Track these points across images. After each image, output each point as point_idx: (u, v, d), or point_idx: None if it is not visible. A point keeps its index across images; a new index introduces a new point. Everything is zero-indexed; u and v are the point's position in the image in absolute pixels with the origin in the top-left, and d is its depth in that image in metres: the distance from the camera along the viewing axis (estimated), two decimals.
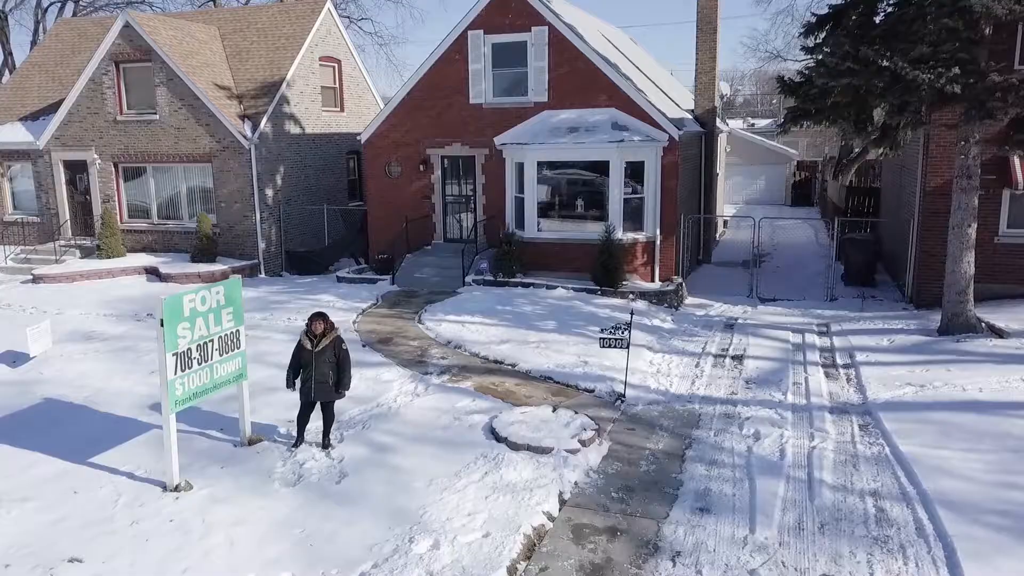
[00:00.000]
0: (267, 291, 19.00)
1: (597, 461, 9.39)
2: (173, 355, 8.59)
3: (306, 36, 23.21)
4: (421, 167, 20.30)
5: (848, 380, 12.47)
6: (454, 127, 19.81)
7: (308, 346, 9.48)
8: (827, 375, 12.71)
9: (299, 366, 9.63)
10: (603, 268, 17.40)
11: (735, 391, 12.01)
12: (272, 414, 10.71)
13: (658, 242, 18.47)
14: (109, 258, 21.33)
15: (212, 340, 9.14)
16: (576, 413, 10.54)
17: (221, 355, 9.31)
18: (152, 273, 20.65)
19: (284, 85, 22.29)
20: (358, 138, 21.10)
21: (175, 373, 8.63)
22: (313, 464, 9.33)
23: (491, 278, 18.28)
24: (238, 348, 9.57)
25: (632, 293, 17.23)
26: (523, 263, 18.38)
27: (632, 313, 11.74)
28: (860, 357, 13.32)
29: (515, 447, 9.51)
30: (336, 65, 25.01)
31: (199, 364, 8.97)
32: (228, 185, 21.46)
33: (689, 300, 18.15)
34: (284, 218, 22.51)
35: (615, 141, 17.69)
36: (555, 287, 17.53)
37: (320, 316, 9.57)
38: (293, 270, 22.41)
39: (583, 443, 9.60)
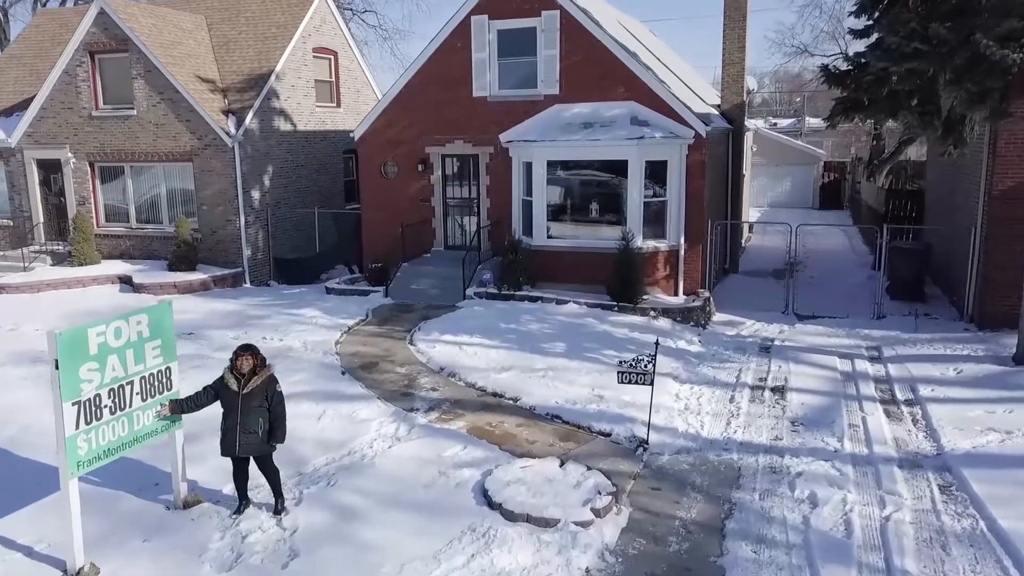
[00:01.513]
0: (248, 303, 17.17)
1: (615, 537, 7.44)
2: (74, 404, 6.74)
3: (298, 25, 21.42)
4: (420, 167, 18.43)
5: (915, 422, 10.44)
6: (456, 123, 17.93)
7: (234, 386, 7.58)
8: (888, 414, 10.69)
9: (205, 400, 7.75)
10: (620, 281, 15.44)
11: (780, 435, 10.02)
12: (222, 464, 8.82)
13: (682, 251, 16.48)
14: (81, 265, 19.60)
15: (131, 382, 7.29)
16: (589, 469, 8.58)
17: (145, 399, 7.46)
18: (126, 283, 18.89)
19: (273, 78, 20.50)
20: (351, 135, 19.27)
21: (77, 427, 6.78)
22: (258, 536, 7.46)
23: (495, 291, 16.36)
24: (169, 389, 7.72)
25: (653, 310, 15.24)
26: (530, 274, 16.45)
27: (657, 343, 9.79)
28: (924, 391, 11.30)
29: (512, 517, 7.58)
30: (332, 57, 23.19)
31: (112, 413, 7.13)
32: (210, 186, 19.68)
33: (718, 317, 16.15)
34: (272, 222, 20.71)
35: (634, 138, 15.73)
36: (566, 302, 15.59)
37: (248, 349, 7.66)
38: (282, 279, 20.62)
39: (597, 512, 7.66)
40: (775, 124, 54.12)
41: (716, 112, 20.00)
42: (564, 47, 16.83)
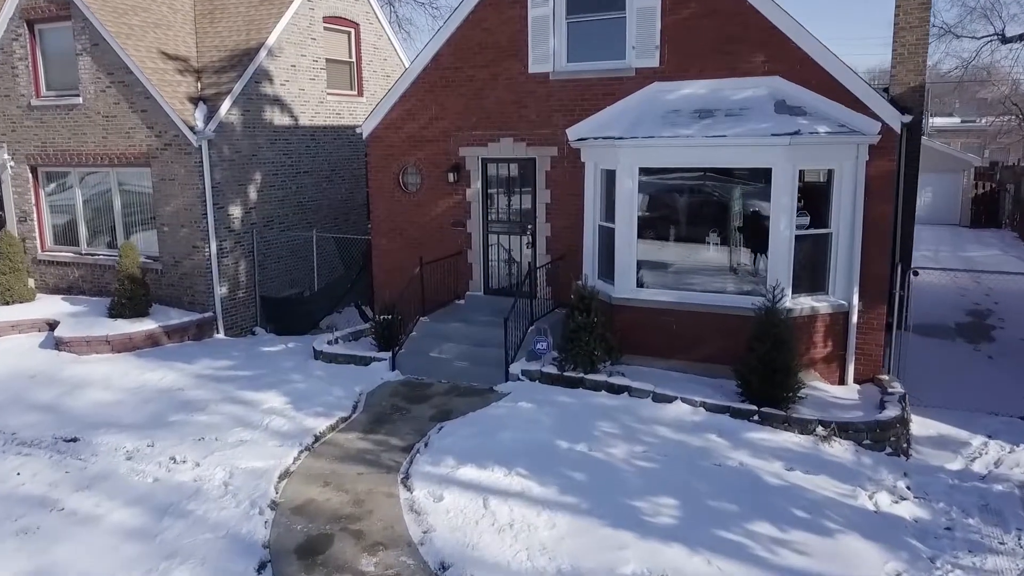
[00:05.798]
0: (198, 372, 11.82)
1: None
2: None
3: None
4: (451, 176, 12.78)
5: None
6: (503, 112, 12.24)
7: None
8: None
9: None
10: (761, 364, 9.37)
11: None
12: None
13: (855, 315, 10.35)
14: (6, 304, 14.74)
15: None
16: None
17: None
18: (55, 331, 13.87)
19: (263, 54, 15.20)
20: (357, 131, 13.81)
21: None
22: None
23: (555, 370, 10.56)
24: None
25: (822, 424, 9.06)
26: (610, 344, 10.60)
27: None
28: None
29: None
30: (351, 31, 17.81)
31: None
32: (172, 200, 14.49)
33: (916, 425, 9.90)
34: (260, 249, 15.42)
35: (785, 134, 9.72)
36: (670, 398, 9.66)
37: None
38: (271, 324, 15.32)
39: None
40: None
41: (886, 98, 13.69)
42: None
